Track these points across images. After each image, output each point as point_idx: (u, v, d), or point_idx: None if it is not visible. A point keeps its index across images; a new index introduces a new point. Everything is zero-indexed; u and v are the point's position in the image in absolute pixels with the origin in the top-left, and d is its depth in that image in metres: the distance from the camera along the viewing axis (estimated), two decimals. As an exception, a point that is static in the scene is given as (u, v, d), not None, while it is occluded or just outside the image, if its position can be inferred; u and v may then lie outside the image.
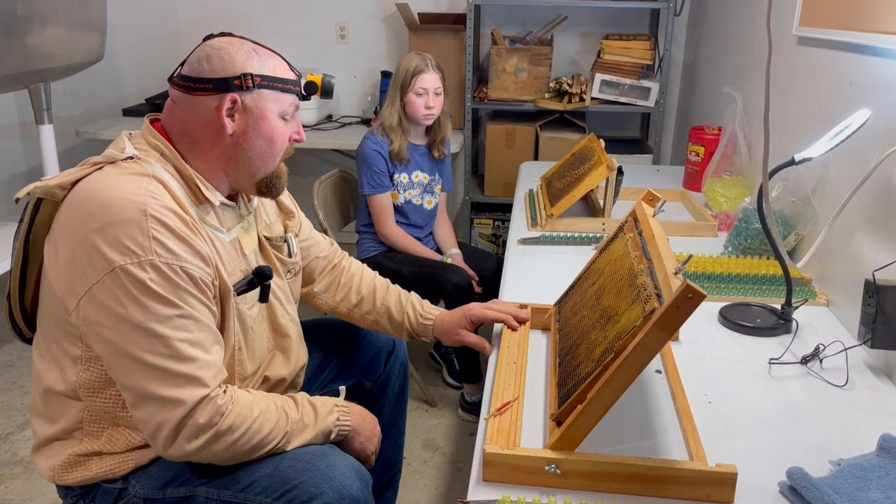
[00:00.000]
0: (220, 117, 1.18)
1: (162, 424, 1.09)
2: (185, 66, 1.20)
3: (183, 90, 1.19)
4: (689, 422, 1.12)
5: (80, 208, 1.11)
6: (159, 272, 1.08)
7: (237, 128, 1.20)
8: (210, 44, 1.20)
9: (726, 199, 2.16)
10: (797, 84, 1.92)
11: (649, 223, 1.23)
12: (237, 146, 1.21)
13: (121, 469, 1.22)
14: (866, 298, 1.33)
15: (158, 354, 1.07)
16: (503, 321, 1.45)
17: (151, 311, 1.07)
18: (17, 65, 2.36)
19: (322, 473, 1.17)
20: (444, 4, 3.61)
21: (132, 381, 1.09)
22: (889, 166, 1.38)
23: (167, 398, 1.08)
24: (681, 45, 3.50)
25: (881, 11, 1.46)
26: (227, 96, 1.17)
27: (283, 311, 1.37)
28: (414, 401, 2.59)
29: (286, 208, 1.47)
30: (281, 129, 1.24)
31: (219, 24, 3.78)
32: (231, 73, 1.17)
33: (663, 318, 0.95)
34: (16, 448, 2.31)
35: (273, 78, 1.20)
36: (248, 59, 1.19)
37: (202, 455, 1.13)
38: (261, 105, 1.20)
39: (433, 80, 2.38)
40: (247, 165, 1.23)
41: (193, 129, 1.20)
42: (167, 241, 1.09)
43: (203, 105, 1.18)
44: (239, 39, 1.22)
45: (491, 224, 3.56)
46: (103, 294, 1.07)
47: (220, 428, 1.11)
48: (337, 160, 3.70)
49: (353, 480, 1.19)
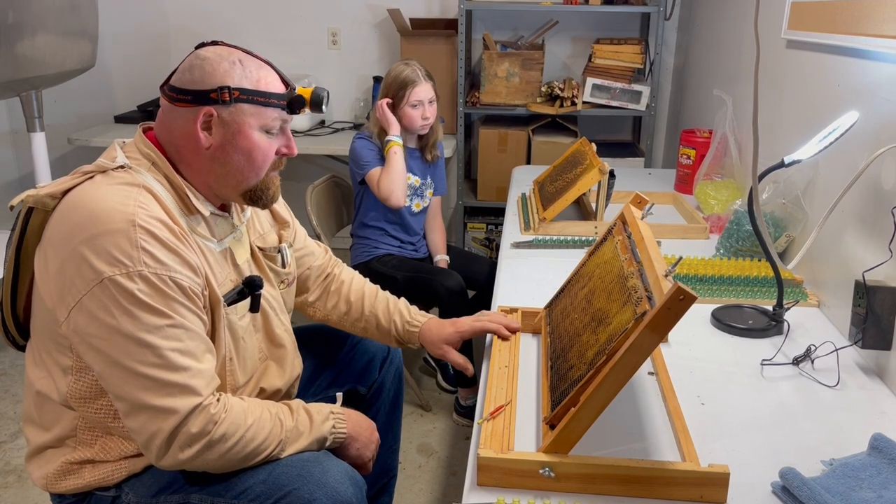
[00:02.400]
0: (196, 130, 1.17)
1: (155, 434, 1.09)
2: (175, 75, 1.19)
3: (168, 100, 1.19)
4: (680, 423, 1.13)
5: (69, 218, 1.10)
6: (148, 283, 1.07)
7: (213, 141, 1.18)
8: (198, 53, 1.19)
9: (717, 202, 2.17)
10: (786, 87, 1.93)
11: (638, 226, 1.24)
12: (215, 159, 1.19)
13: (114, 477, 1.21)
14: (856, 299, 1.34)
15: (150, 364, 1.07)
16: (494, 331, 1.44)
17: (142, 321, 1.07)
18: (9, 73, 2.36)
19: (316, 479, 1.17)
20: (435, 10, 3.62)
21: (124, 391, 1.09)
22: (878, 168, 1.39)
23: (160, 407, 1.08)
24: (671, 48, 3.52)
25: (868, 15, 1.47)
26: (202, 109, 1.16)
27: (278, 322, 1.37)
28: (409, 405, 2.59)
29: (281, 218, 1.46)
30: (262, 143, 1.20)
31: (210, 31, 3.78)
32: (209, 85, 1.15)
33: (655, 320, 0.95)
34: (9, 457, 2.30)
35: (253, 91, 1.17)
36: (229, 72, 1.16)
37: (196, 464, 1.12)
38: (238, 119, 1.17)
39: (426, 91, 2.39)
40: (227, 179, 1.22)
41: (176, 139, 1.19)
42: (155, 252, 1.08)
43: (183, 116, 1.17)
44: (228, 49, 1.20)
45: (484, 228, 3.56)
46: (93, 305, 1.07)
47: (214, 436, 1.11)
48: (330, 165, 3.70)
49: (346, 486, 1.19)
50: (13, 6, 2.28)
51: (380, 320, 1.53)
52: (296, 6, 3.70)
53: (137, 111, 3.59)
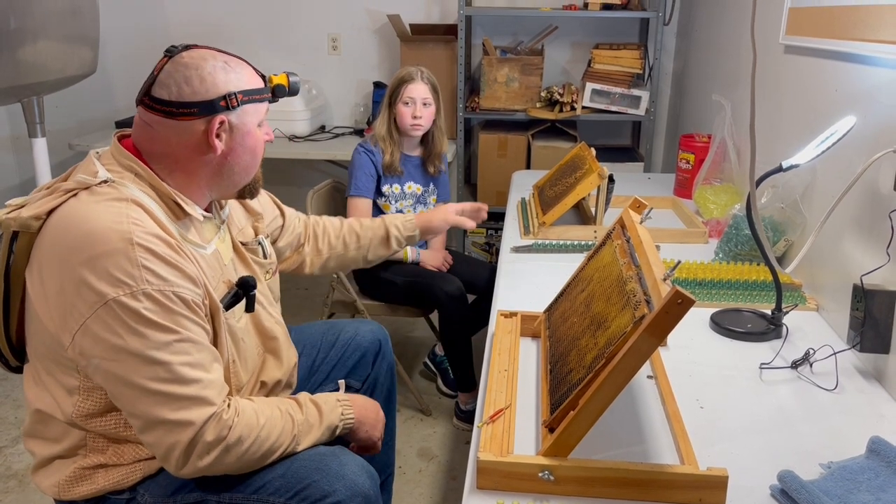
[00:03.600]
0: (210, 139, 1.17)
1: (173, 446, 1.09)
2: (158, 88, 1.15)
3: (163, 115, 1.15)
4: (679, 426, 1.13)
5: (61, 240, 1.09)
6: (153, 300, 1.07)
7: (225, 146, 1.19)
8: (184, 63, 1.16)
9: (717, 206, 2.18)
10: (784, 92, 1.94)
11: (637, 230, 1.24)
12: (224, 163, 1.21)
13: (129, 480, 1.21)
14: (855, 303, 1.34)
15: (162, 381, 1.07)
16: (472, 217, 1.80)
17: (150, 339, 1.07)
18: (10, 78, 2.36)
19: (334, 472, 1.19)
20: (435, 15, 3.64)
21: (137, 408, 1.09)
22: (875, 172, 1.39)
23: (175, 421, 1.08)
24: (670, 54, 3.53)
25: (865, 20, 1.48)
26: (215, 119, 1.16)
27: (266, 315, 1.38)
28: (409, 410, 2.59)
29: (253, 211, 1.47)
30: (261, 138, 1.25)
31: (211, 37, 3.79)
32: (215, 94, 1.15)
33: (653, 323, 0.96)
34: (10, 462, 2.30)
35: (252, 91, 1.20)
36: (227, 77, 1.17)
37: (216, 469, 1.13)
38: (245, 121, 1.20)
39: (421, 91, 2.38)
40: (232, 178, 1.24)
41: (177, 151, 1.18)
42: (156, 268, 1.08)
43: (189, 129, 1.16)
44: (208, 52, 1.19)
45: (484, 233, 3.57)
46: (98, 327, 1.06)
47: (230, 441, 1.12)
48: (330, 170, 3.70)
49: (364, 479, 1.22)
50: (15, 12, 2.29)
51: (376, 234, 1.71)
52: (296, 12, 3.71)
53: (138, 117, 3.60)
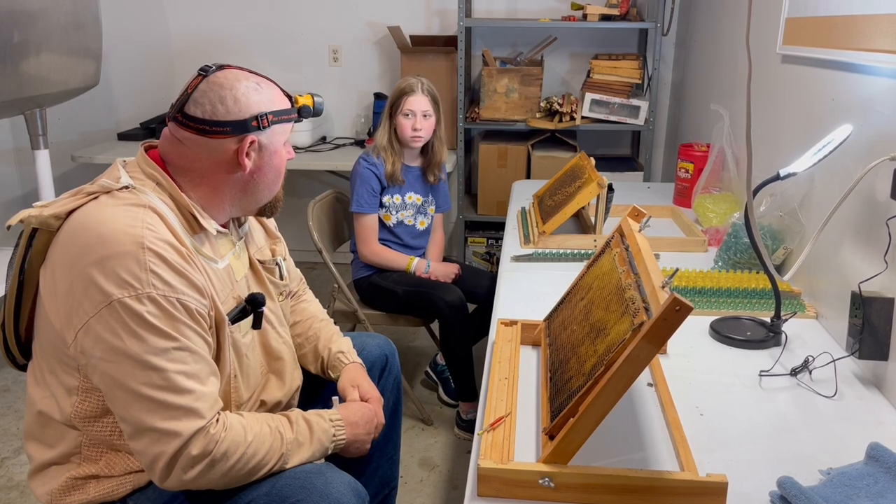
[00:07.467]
0: (240, 158, 1.20)
1: (158, 456, 1.10)
2: (192, 106, 1.18)
3: (195, 132, 1.18)
4: (678, 433, 1.13)
5: (76, 240, 1.11)
6: (157, 305, 1.08)
7: (253, 165, 1.23)
8: (219, 83, 1.19)
9: (716, 215, 2.19)
10: (782, 101, 1.95)
11: (636, 238, 1.25)
12: (251, 181, 1.24)
13: (118, 491, 1.22)
14: (853, 310, 1.35)
15: (155, 387, 1.08)
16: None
17: (149, 343, 1.08)
18: (13, 91, 2.38)
19: (319, 491, 1.18)
20: (435, 27, 3.66)
21: (129, 412, 1.09)
22: (872, 180, 1.40)
23: (163, 430, 1.09)
24: (669, 64, 3.55)
25: (861, 30, 1.49)
26: (246, 138, 1.19)
27: (275, 335, 1.38)
28: (410, 419, 2.59)
29: (272, 233, 1.49)
30: (284, 156, 1.28)
31: (213, 50, 3.82)
32: (247, 114, 1.19)
33: (652, 330, 0.96)
34: (11, 473, 2.30)
35: (281, 112, 1.23)
36: (259, 98, 1.20)
37: (200, 483, 1.13)
38: (273, 141, 1.24)
39: (421, 103, 2.39)
40: (256, 196, 1.27)
41: (206, 167, 1.21)
42: (164, 274, 1.09)
43: (220, 147, 1.19)
44: (241, 73, 1.22)
45: (484, 242, 3.58)
46: (101, 327, 1.07)
47: (215, 456, 1.12)
48: (331, 181, 3.72)
49: (349, 498, 1.20)
50: (18, 26, 2.31)
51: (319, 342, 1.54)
52: (297, 24, 3.74)
53: (140, 129, 3.62)
